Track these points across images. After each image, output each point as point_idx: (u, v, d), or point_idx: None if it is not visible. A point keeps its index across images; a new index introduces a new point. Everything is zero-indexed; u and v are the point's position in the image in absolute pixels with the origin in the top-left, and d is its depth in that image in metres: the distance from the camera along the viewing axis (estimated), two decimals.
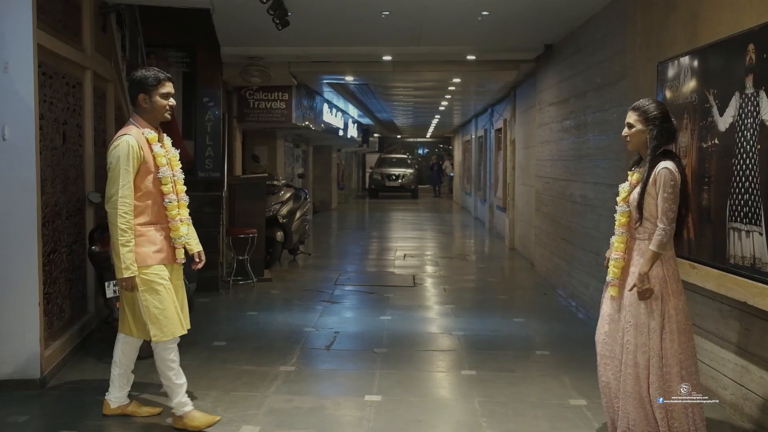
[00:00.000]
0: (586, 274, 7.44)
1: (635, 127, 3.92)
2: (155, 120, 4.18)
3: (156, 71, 4.11)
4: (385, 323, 7.13)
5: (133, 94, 4.12)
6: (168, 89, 4.14)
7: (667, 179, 3.73)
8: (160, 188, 4.11)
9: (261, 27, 7.66)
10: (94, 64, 6.38)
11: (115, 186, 3.97)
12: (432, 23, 8.02)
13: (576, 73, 7.98)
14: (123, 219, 3.96)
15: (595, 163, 7.19)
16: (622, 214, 4.02)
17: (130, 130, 4.09)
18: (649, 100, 3.97)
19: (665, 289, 3.83)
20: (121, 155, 3.96)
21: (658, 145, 3.85)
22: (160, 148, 4.14)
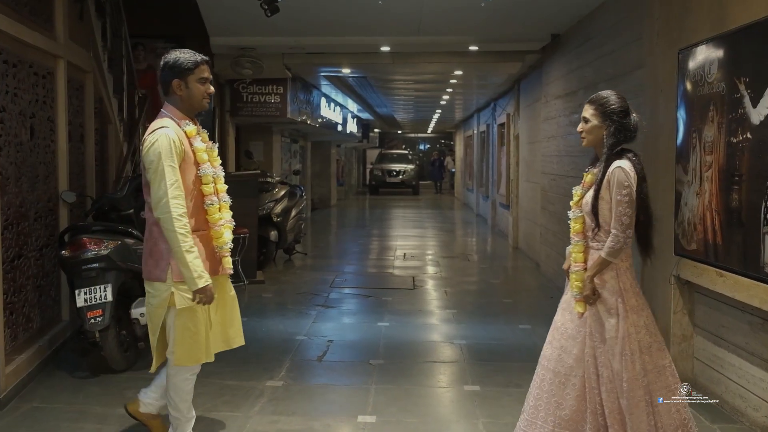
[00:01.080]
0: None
1: (591, 122, 3.52)
2: (192, 109, 3.62)
3: (192, 53, 3.56)
4: (383, 331, 6.68)
5: (165, 80, 3.54)
6: (206, 74, 3.58)
7: (621, 180, 3.34)
8: (201, 188, 3.56)
9: (251, 14, 7.21)
10: (68, 53, 5.92)
11: (162, 187, 3.38)
12: (432, 11, 7.57)
13: (585, 63, 7.52)
14: (180, 222, 3.38)
15: None
16: (575, 220, 3.63)
17: (165, 122, 3.51)
18: (609, 92, 3.57)
19: (622, 305, 3.42)
20: (163, 151, 3.37)
21: (615, 143, 3.46)
22: (200, 142, 3.58)
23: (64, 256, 4.99)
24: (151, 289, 3.58)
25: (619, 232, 3.35)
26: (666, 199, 5.12)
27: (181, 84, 3.53)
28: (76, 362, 5.44)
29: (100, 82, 7.06)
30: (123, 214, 6.00)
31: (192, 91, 3.55)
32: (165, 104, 3.61)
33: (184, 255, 3.40)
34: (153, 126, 3.52)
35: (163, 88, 3.58)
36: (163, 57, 3.59)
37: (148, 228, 3.59)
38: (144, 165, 3.47)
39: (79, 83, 6.41)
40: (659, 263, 5.21)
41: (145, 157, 3.44)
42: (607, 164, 3.44)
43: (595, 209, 3.47)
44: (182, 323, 3.54)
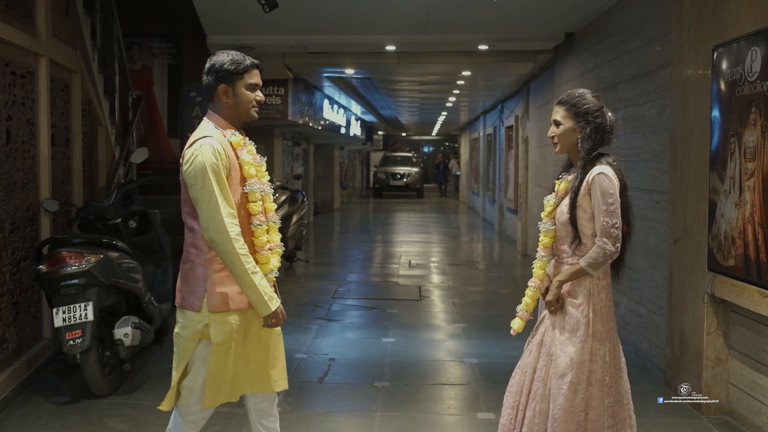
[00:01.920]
0: (616, 291, 6.53)
1: (563, 125, 3.17)
2: (238, 118, 3.16)
3: (241, 56, 3.13)
4: (388, 348, 6.26)
5: (210, 84, 3.10)
6: (256, 79, 3.14)
7: (605, 187, 3.02)
8: (247, 206, 3.11)
9: (248, 11, 6.80)
10: (51, 51, 5.52)
11: (211, 205, 2.92)
12: (440, 8, 7.15)
13: (603, 63, 7.09)
14: (239, 242, 2.93)
15: (627, 164, 6.28)
16: (545, 233, 3.29)
17: (208, 130, 3.07)
18: (580, 90, 3.20)
19: (585, 329, 3.07)
20: (207, 163, 2.92)
21: (592, 147, 3.12)
22: (246, 154, 3.12)
23: (41, 272, 4.57)
24: (183, 319, 3.10)
25: (607, 245, 3.01)
26: (697, 209, 4.70)
27: (228, 90, 3.09)
28: (57, 385, 5.02)
29: (89, 82, 6.66)
30: (110, 223, 5.61)
31: (240, 99, 3.10)
32: (208, 112, 3.18)
33: (250, 278, 2.96)
34: (194, 136, 3.08)
35: (207, 93, 3.15)
36: (209, 59, 3.13)
37: (185, 250, 3.11)
38: (185, 181, 2.99)
39: (65, 83, 6.01)
40: (690, 279, 4.78)
41: (186, 172, 2.96)
42: (585, 170, 3.10)
43: (574, 218, 3.10)
44: (216, 360, 3.06)
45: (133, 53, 9.35)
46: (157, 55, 9.42)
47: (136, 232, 5.89)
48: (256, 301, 3.00)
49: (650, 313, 5.69)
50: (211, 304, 3.01)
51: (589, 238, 3.10)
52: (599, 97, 3.23)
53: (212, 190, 2.91)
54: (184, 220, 3.11)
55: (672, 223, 5.13)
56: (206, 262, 3.00)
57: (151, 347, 5.73)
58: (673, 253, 5.10)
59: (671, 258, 5.13)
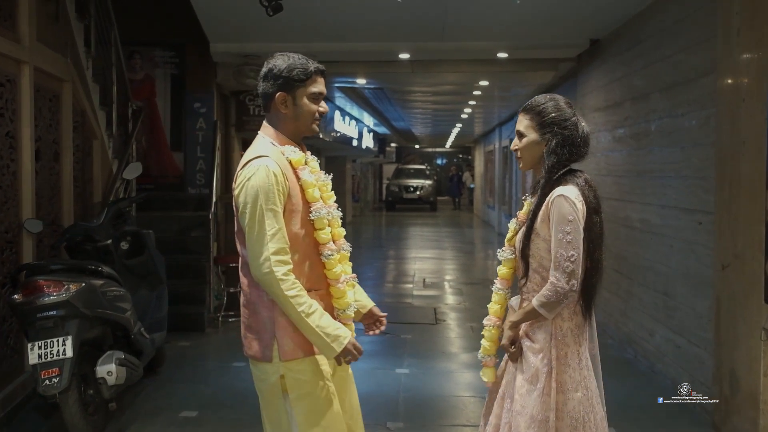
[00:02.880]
0: (650, 317, 6.02)
1: (527, 137, 2.75)
2: (297, 132, 2.74)
3: (304, 60, 2.69)
4: (402, 380, 5.75)
5: (267, 92, 2.67)
6: (320, 87, 2.71)
7: (563, 212, 2.59)
8: (314, 235, 2.69)
9: (253, 17, 6.34)
10: (36, 58, 5.09)
11: (260, 239, 2.52)
12: (458, 12, 6.68)
13: (633, 71, 6.58)
14: (287, 282, 2.52)
15: (662, 180, 5.78)
16: (504, 262, 2.89)
17: (263, 148, 2.65)
18: (547, 96, 2.79)
19: (548, 381, 2.61)
20: (261, 189, 2.53)
21: (557, 163, 2.68)
22: (308, 174, 2.70)
23: (16, 302, 4.10)
24: (257, 371, 2.69)
25: (559, 282, 2.58)
26: (751, 233, 4.17)
27: (287, 99, 2.65)
28: (36, 426, 4.55)
29: (82, 92, 6.23)
30: (100, 245, 5.15)
31: (301, 110, 2.67)
32: (264, 125, 2.75)
33: (305, 321, 2.54)
34: (248, 155, 2.65)
35: (264, 102, 2.73)
36: (267, 62, 2.71)
37: (244, 291, 2.70)
38: (236, 206, 2.62)
39: (53, 93, 5.58)
40: (743, 311, 4.25)
41: (237, 197, 2.59)
42: (545, 191, 2.67)
43: (525, 249, 2.71)
44: (305, 419, 2.62)
45: (135, 62, 8.92)
46: (160, 65, 9.00)
47: (128, 254, 5.43)
48: (318, 344, 2.59)
49: (692, 345, 5.15)
50: (283, 351, 2.59)
51: (545, 269, 2.67)
52: (571, 105, 2.77)
53: (262, 221, 2.52)
54: (240, 253, 2.67)
55: (719, 247, 4.60)
56: (271, 303, 2.59)
57: (144, 380, 5.25)
58: (720, 281, 4.57)
59: (718, 286, 4.60)
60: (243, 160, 2.64)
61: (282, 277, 2.50)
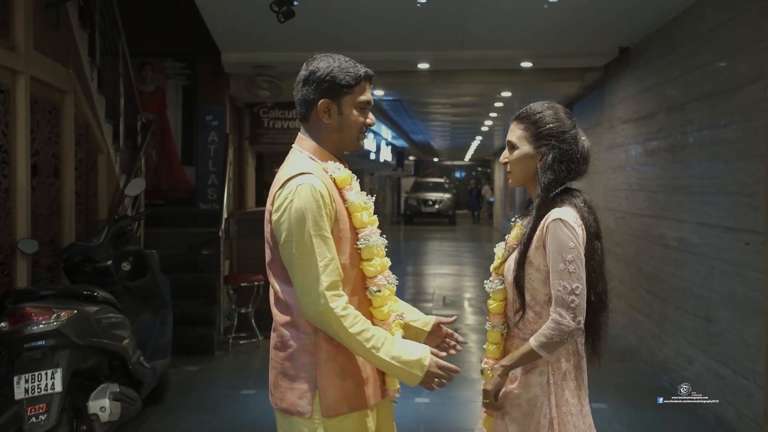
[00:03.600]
0: (689, 344, 5.60)
1: (519, 149, 2.41)
2: (341, 147, 2.36)
3: (351, 63, 2.33)
4: (421, 410, 5.36)
5: (306, 99, 2.30)
6: (368, 95, 2.36)
7: (562, 240, 2.24)
8: (361, 267, 2.31)
9: (265, 25, 6.04)
10: (33, 67, 4.80)
11: (310, 272, 2.15)
12: (481, 17, 6.34)
13: (667, 79, 6.19)
14: (350, 318, 2.15)
15: (701, 197, 5.38)
16: (494, 295, 2.48)
17: (304, 163, 2.27)
18: (545, 105, 2.44)
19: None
20: (307, 213, 2.15)
21: (554, 181, 2.34)
22: (356, 195, 2.33)
23: (2, 330, 3.77)
24: (288, 426, 2.28)
25: (564, 320, 2.22)
26: None
27: (332, 107, 2.29)
28: None
29: (85, 104, 5.94)
30: (99, 266, 4.83)
31: (347, 120, 2.31)
32: (299, 137, 2.36)
33: (378, 357, 2.18)
34: (285, 172, 2.25)
35: (302, 110, 2.34)
36: (307, 63, 2.35)
37: (278, 330, 2.29)
38: (274, 234, 2.22)
39: (53, 105, 5.29)
40: None
41: (278, 223, 2.18)
42: (540, 213, 2.33)
43: (520, 280, 2.34)
44: None
45: (146, 74, 8.65)
46: (171, 76, 8.72)
47: (130, 276, 5.10)
48: (397, 376, 2.27)
49: (738, 376, 4.73)
50: (326, 405, 2.21)
51: (543, 306, 2.32)
52: (572, 116, 2.42)
53: (311, 250, 2.15)
54: (272, 286, 2.29)
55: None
56: (313, 347, 2.22)
57: (146, 410, 4.91)
58: None
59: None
60: (280, 178, 2.24)
61: (342, 313, 2.14)
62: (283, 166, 2.31)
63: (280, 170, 2.30)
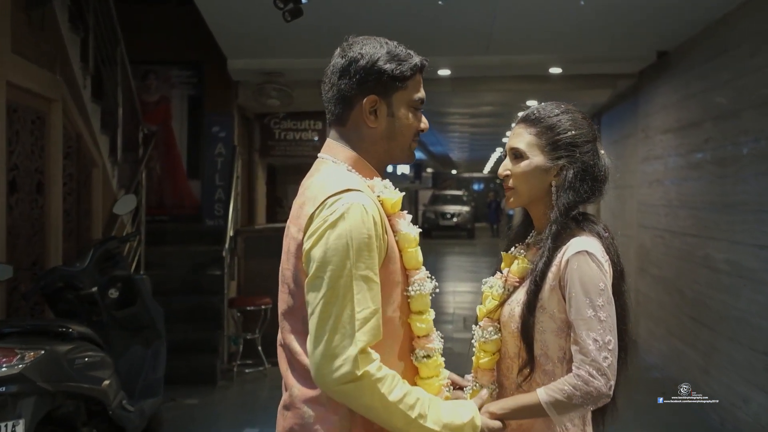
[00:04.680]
0: (744, 380, 4.99)
1: (528, 159, 1.89)
2: (388, 158, 1.84)
3: (402, 49, 1.80)
4: None
5: (346, 96, 1.76)
6: (422, 91, 1.83)
7: (591, 278, 1.74)
8: (410, 322, 1.77)
9: (272, 27, 5.54)
10: (11, 73, 4.33)
11: (345, 323, 1.58)
12: (507, 20, 5.79)
13: (716, 85, 5.60)
14: (388, 381, 1.59)
15: (759, 215, 4.77)
16: (483, 346, 1.91)
17: (350, 179, 1.72)
18: (562, 106, 1.94)
19: None
20: (354, 243, 1.60)
21: (573, 203, 1.85)
22: (409, 225, 1.78)
23: None
24: None
25: (594, 381, 1.70)
26: None
27: (380, 106, 1.76)
28: None
29: (77, 113, 5.45)
30: (82, 294, 4.31)
31: (399, 124, 1.78)
32: (331, 145, 1.80)
33: (425, 427, 1.62)
34: (324, 185, 1.68)
35: (337, 109, 1.78)
36: (343, 49, 1.79)
37: (295, 410, 1.70)
38: (304, 262, 1.65)
39: (37, 114, 4.80)
40: None
41: (310, 253, 1.62)
42: (556, 244, 1.81)
43: (528, 330, 1.81)
44: None
45: (150, 83, 8.18)
46: (177, 85, 8.24)
47: (118, 304, 4.57)
48: None
49: None
50: None
51: (556, 364, 1.81)
52: (591, 123, 1.92)
53: (349, 296, 1.57)
54: (288, 346, 1.72)
55: None
56: (342, 423, 1.65)
57: None
58: None
59: None
60: (315, 196, 1.66)
61: (378, 375, 1.58)
62: (313, 181, 1.73)
63: (310, 186, 1.72)
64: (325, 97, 1.81)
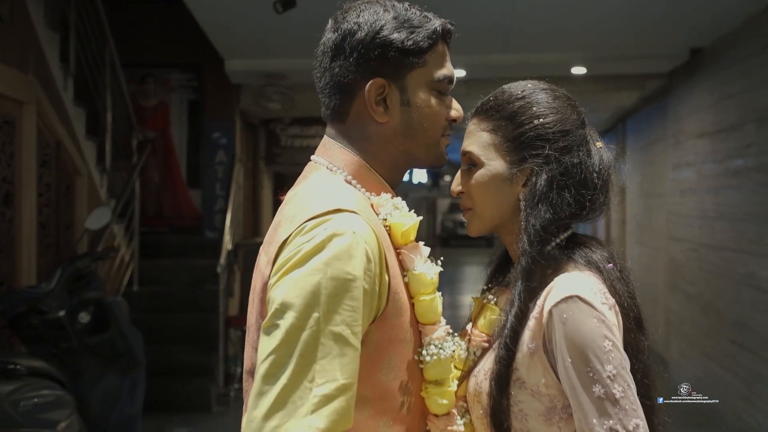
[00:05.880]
0: None
1: (485, 166, 1.37)
2: (404, 163, 1.35)
3: (415, 11, 1.32)
4: None
5: (342, 82, 1.28)
6: (449, 66, 1.37)
7: (594, 338, 1.17)
8: (423, 396, 1.26)
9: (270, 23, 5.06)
10: None
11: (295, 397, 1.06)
12: (526, 15, 5.29)
13: (759, 84, 5.04)
14: None
15: None
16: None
17: (344, 194, 1.24)
18: (529, 86, 1.41)
19: None
20: (330, 288, 1.10)
21: (553, 223, 1.29)
22: (425, 265, 1.27)
23: None
24: None
25: None
26: None
27: (390, 92, 1.28)
28: None
29: (55, 118, 4.99)
30: (49, 318, 3.84)
31: (419, 113, 1.31)
32: (327, 145, 1.33)
33: None
34: (307, 202, 1.21)
35: (332, 100, 1.31)
36: (336, 20, 1.33)
37: None
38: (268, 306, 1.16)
39: (5, 118, 4.34)
40: None
41: (275, 287, 1.13)
42: (531, 285, 1.27)
43: (500, 415, 1.24)
44: None
45: (147, 87, 7.74)
46: (176, 89, 7.80)
47: (90, 329, 4.09)
48: None
49: None
50: None
51: None
52: (576, 105, 1.39)
53: (308, 360, 1.08)
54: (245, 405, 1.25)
55: None
56: None
57: None
58: None
59: None
60: (294, 216, 1.19)
61: None
62: (296, 194, 1.27)
63: (291, 200, 1.26)
64: (317, 86, 1.33)
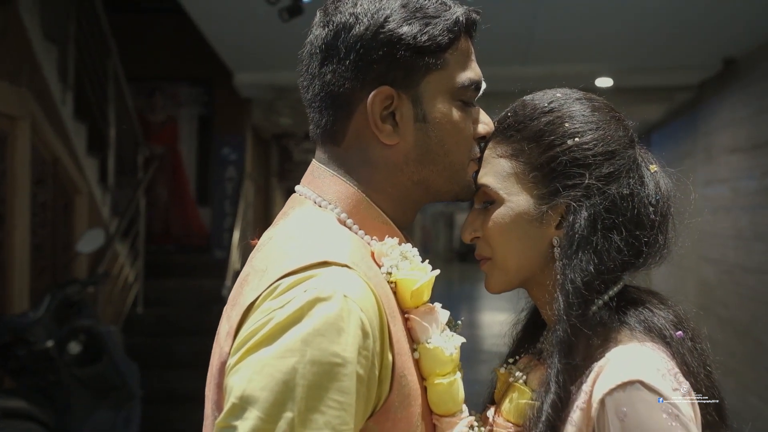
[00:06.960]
0: None
1: (505, 205, 1.03)
2: (419, 197, 1.07)
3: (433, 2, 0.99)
4: None
5: (336, 93, 0.98)
6: (475, 68, 1.07)
7: None
8: None
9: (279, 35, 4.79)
10: None
11: None
12: (550, 24, 4.98)
13: None
14: None
15: None
16: None
17: (335, 241, 0.94)
18: (561, 94, 1.07)
19: None
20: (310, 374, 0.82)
21: (599, 275, 0.96)
22: (440, 337, 1.00)
23: None
24: None
25: None
26: None
27: (399, 103, 0.98)
28: None
29: (52, 134, 4.74)
30: (36, 349, 3.57)
31: (438, 131, 1.00)
32: (316, 170, 1.05)
33: None
34: (284, 252, 0.93)
35: (324, 115, 1.01)
36: (325, 11, 1.00)
37: None
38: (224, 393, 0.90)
39: None
40: None
41: (234, 371, 0.87)
42: (573, 362, 0.94)
43: None
44: None
45: (155, 101, 7.52)
46: (185, 104, 7.56)
47: (80, 360, 3.81)
48: None
49: None
50: None
51: None
52: (622, 119, 1.09)
53: None
54: None
55: None
56: None
57: None
58: None
59: None
60: (267, 265, 0.93)
61: None
62: (274, 237, 0.99)
63: (266, 246, 0.99)
64: (304, 98, 1.03)
